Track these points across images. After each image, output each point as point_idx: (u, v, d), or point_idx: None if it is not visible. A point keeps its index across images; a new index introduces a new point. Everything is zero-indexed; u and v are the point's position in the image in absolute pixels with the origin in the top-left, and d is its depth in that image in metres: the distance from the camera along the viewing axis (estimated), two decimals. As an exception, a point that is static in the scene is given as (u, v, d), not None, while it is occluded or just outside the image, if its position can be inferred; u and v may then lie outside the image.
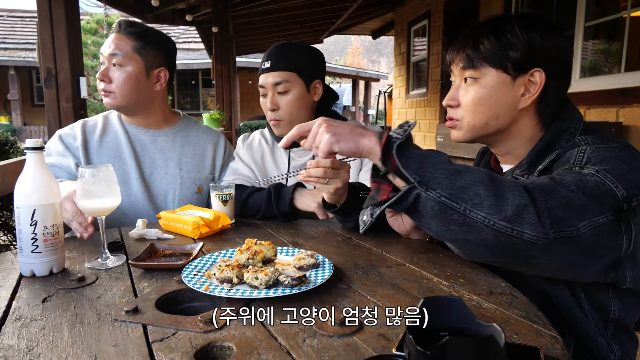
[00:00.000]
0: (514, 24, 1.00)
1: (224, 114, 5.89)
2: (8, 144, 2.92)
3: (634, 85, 3.24)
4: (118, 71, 1.58)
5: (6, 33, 15.37)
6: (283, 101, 1.53)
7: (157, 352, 0.67)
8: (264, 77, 1.54)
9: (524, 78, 1.01)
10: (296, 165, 1.65)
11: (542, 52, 0.99)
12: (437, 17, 6.56)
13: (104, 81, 1.58)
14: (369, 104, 19.08)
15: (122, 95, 1.60)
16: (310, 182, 1.19)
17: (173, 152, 1.70)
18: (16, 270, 1.03)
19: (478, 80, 1.04)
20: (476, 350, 0.49)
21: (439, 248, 1.21)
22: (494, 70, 1.02)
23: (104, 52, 1.59)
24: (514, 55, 0.99)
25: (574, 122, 1.02)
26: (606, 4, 3.79)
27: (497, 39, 1.00)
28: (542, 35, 0.99)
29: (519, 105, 1.02)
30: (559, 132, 1.01)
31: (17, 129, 12.77)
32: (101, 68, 1.60)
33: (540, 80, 0.99)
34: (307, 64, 1.56)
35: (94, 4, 9.75)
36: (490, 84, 1.02)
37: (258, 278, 0.87)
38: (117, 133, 1.68)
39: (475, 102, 1.05)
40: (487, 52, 1.01)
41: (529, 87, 1.01)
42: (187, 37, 16.73)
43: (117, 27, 1.62)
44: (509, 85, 1.01)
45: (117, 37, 1.60)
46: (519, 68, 1.00)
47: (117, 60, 1.57)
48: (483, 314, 0.79)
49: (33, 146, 0.99)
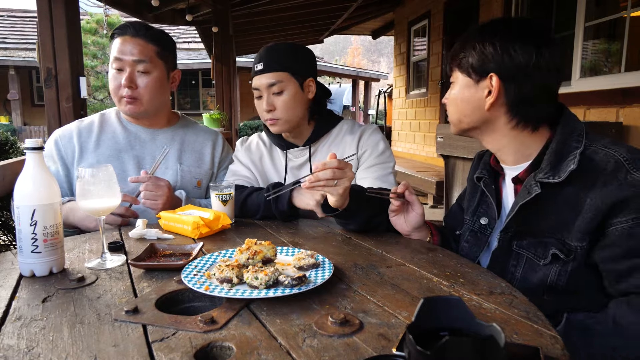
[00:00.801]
0: (477, 36, 1.13)
1: (223, 114, 5.89)
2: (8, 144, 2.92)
3: (634, 85, 3.24)
4: (145, 78, 1.58)
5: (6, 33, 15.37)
6: (279, 101, 1.54)
7: (157, 352, 0.67)
8: (258, 79, 1.54)
9: (485, 82, 1.11)
10: (293, 166, 1.66)
11: (494, 60, 1.09)
12: (437, 17, 6.56)
13: (131, 88, 1.57)
14: (369, 104, 19.08)
15: (149, 101, 1.62)
16: (318, 187, 1.18)
17: (173, 149, 1.72)
18: (16, 270, 1.03)
19: (454, 85, 1.19)
20: (476, 350, 0.48)
21: (439, 248, 1.21)
22: (461, 75, 1.16)
23: (124, 58, 1.56)
24: (472, 62, 1.12)
25: (577, 124, 1.09)
26: (606, 4, 3.79)
27: (463, 49, 1.15)
28: (495, 44, 1.09)
29: (484, 106, 1.13)
30: (567, 133, 1.08)
31: (17, 129, 12.76)
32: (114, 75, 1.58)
33: (496, 83, 1.09)
34: (298, 63, 1.56)
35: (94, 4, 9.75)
36: (458, 85, 1.17)
37: (258, 278, 0.87)
38: (114, 132, 1.68)
39: (449, 101, 1.21)
40: (457, 59, 1.17)
41: (491, 90, 1.11)
42: (187, 37, 16.74)
43: (133, 31, 1.59)
44: (472, 88, 1.14)
45: (138, 42, 1.57)
46: (477, 73, 1.12)
47: (143, 67, 1.58)
48: (483, 313, 0.79)
49: (33, 146, 0.99)
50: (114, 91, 1.61)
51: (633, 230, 0.95)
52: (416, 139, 7.59)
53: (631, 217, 0.95)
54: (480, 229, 1.23)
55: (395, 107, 8.77)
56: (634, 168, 0.97)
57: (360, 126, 1.68)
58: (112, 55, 1.60)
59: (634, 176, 0.96)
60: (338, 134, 1.64)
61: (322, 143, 1.64)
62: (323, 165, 1.16)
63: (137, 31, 1.59)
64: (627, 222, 0.95)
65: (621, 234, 0.96)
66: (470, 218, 1.28)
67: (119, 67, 1.58)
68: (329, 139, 1.64)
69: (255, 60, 1.55)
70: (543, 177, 1.04)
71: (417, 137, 7.53)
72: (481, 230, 1.22)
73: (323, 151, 1.64)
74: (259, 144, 1.74)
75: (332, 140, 1.64)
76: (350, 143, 1.61)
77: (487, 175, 1.24)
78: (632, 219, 0.95)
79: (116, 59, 1.58)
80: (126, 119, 1.72)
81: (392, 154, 1.63)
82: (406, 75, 8.01)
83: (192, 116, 1.96)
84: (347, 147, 1.61)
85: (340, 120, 1.68)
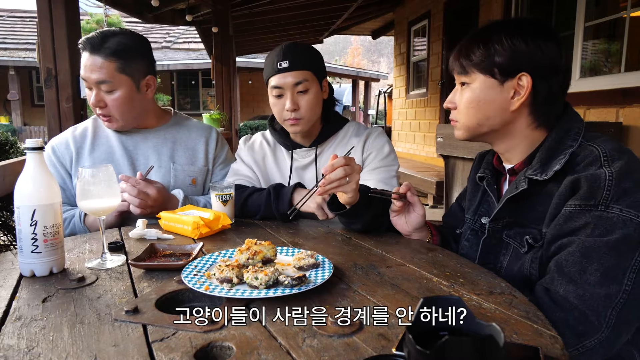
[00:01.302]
0: (501, 32, 1.07)
1: (224, 114, 5.89)
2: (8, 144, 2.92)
3: (634, 85, 3.24)
4: (110, 96, 1.54)
5: (6, 33, 15.37)
6: (303, 100, 1.51)
7: (157, 352, 0.67)
8: (282, 77, 1.49)
9: (512, 82, 1.07)
10: (298, 166, 1.65)
11: (527, 57, 1.05)
12: (437, 17, 6.56)
13: (101, 107, 1.56)
14: (369, 104, 19.09)
15: (122, 116, 1.60)
16: (331, 189, 1.18)
17: (165, 148, 1.71)
18: (16, 270, 1.03)
19: (469, 85, 1.12)
20: (476, 350, 0.49)
21: (439, 248, 1.21)
22: (482, 76, 1.10)
23: (87, 79, 1.52)
24: (499, 61, 1.06)
25: (576, 122, 1.08)
26: (606, 4, 3.79)
27: (484, 46, 1.08)
28: (527, 41, 1.05)
29: (509, 107, 1.09)
30: (565, 132, 1.07)
31: (17, 129, 12.76)
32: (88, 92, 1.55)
33: (527, 83, 1.05)
34: (320, 63, 1.56)
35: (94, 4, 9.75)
36: (479, 88, 1.10)
37: (258, 278, 0.87)
38: (108, 136, 1.68)
39: (466, 104, 1.13)
40: (476, 59, 1.10)
41: (518, 90, 1.07)
42: (187, 37, 16.75)
43: (89, 46, 1.49)
44: (497, 89, 1.09)
45: (96, 61, 1.49)
46: (505, 73, 1.07)
47: (105, 88, 1.53)
48: (483, 313, 0.79)
49: (33, 146, 0.99)
50: (92, 108, 1.58)
51: (572, 215, 0.96)
52: (416, 139, 7.59)
53: (577, 204, 0.96)
54: (481, 228, 1.23)
55: (395, 107, 8.77)
56: (606, 162, 0.97)
57: (367, 129, 1.68)
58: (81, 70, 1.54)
59: (601, 170, 0.96)
60: (344, 136, 1.64)
61: (329, 145, 1.64)
62: (332, 167, 1.16)
63: (94, 48, 1.49)
64: (572, 207, 0.97)
65: (563, 214, 0.98)
66: (471, 217, 1.28)
67: (87, 86, 1.55)
68: (335, 141, 1.64)
69: (278, 57, 1.50)
70: (532, 174, 1.06)
71: (417, 137, 7.53)
72: (482, 230, 1.22)
73: (329, 152, 1.63)
74: (263, 143, 1.73)
75: (339, 142, 1.64)
76: (356, 145, 1.61)
77: (490, 174, 1.24)
78: (577, 206, 0.96)
79: (84, 79, 1.54)
80: None
81: (396, 157, 1.63)
82: (406, 75, 8.01)
83: (192, 116, 1.95)
84: (353, 150, 1.61)
85: (347, 122, 1.68)
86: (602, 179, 0.95)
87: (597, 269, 0.92)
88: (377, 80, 19.43)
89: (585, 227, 0.95)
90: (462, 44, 1.14)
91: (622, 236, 0.92)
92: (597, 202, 0.94)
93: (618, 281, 0.91)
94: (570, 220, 0.97)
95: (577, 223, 0.96)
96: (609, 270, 0.91)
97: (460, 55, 1.13)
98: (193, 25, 6.92)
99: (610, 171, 0.95)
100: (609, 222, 0.93)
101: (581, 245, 0.94)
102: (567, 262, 0.95)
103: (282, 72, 1.49)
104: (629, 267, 0.91)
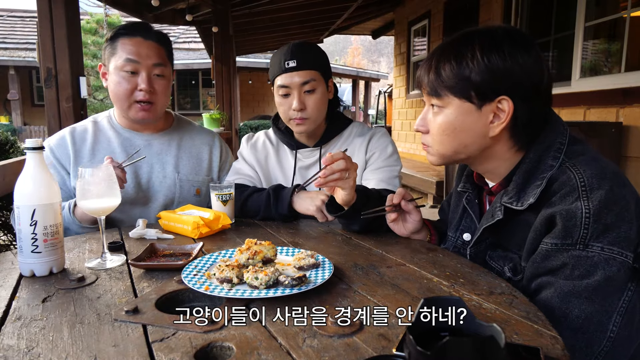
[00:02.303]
0: (475, 46, 0.93)
1: (224, 114, 5.89)
2: (8, 144, 2.91)
3: (634, 85, 3.24)
4: (160, 81, 1.55)
5: (6, 33, 15.37)
6: (310, 100, 1.50)
7: (157, 352, 0.67)
8: (289, 76, 1.48)
9: (490, 106, 0.95)
10: (302, 166, 1.65)
11: (506, 77, 0.92)
12: (437, 17, 6.56)
13: (150, 92, 1.52)
14: (369, 104, 19.08)
15: (162, 106, 1.59)
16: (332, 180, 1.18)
17: (169, 156, 1.66)
18: (16, 270, 1.03)
19: (442, 110, 1.00)
20: (476, 351, 0.48)
21: (439, 248, 1.21)
22: (457, 100, 0.96)
23: (141, 61, 1.50)
24: (475, 83, 0.93)
25: (558, 136, 0.97)
26: (606, 4, 3.79)
27: (457, 64, 0.94)
28: (504, 57, 0.91)
29: (488, 133, 0.97)
30: (544, 150, 0.96)
31: (17, 129, 12.75)
32: (132, 76, 1.50)
33: (509, 108, 0.93)
34: (326, 63, 1.56)
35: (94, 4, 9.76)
36: (454, 113, 0.98)
37: (258, 278, 0.87)
38: (109, 140, 1.62)
39: (440, 131, 1.01)
40: (448, 80, 0.96)
41: (497, 114, 0.95)
42: (187, 37, 16.73)
43: (145, 32, 1.52)
44: (474, 115, 0.96)
45: (152, 45, 1.52)
46: (482, 97, 0.94)
47: (159, 70, 1.54)
48: (483, 314, 0.79)
49: (33, 146, 0.99)
50: (125, 96, 1.52)
51: (549, 254, 0.89)
52: (416, 139, 7.59)
53: (553, 242, 0.88)
54: (463, 245, 1.18)
55: (395, 107, 8.77)
56: (585, 193, 0.86)
57: (370, 129, 1.68)
58: (122, 57, 1.50)
59: (577, 204, 0.85)
60: (348, 136, 1.64)
61: (333, 145, 1.64)
62: (332, 159, 1.16)
63: (149, 33, 1.53)
64: (548, 245, 0.89)
65: (540, 252, 0.90)
66: (453, 234, 1.22)
67: (133, 69, 1.50)
68: (339, 141, 1.64)
69: (285, 56, 1.48)
70: (507, 202, 0.98)
71: (418, 137, 7.52)
72: (464, 247, 1.17)
73: (333, 152, 1.63)
74: (266, 142, 1.72)
75: (343, 142, 1.64)
76: (360, 145, 1.60)
77: (471, 189, 1.17)
78: (553, 244, 0.88)
79: (130, 61, 1.49)
80: (119, 124, 1.65)
81: (399, 158, 1.63)
82: (406, 75, 8.01)
83: (192, 116, 1.94)
84: (357, 150, 1.60)
85: (351, 123, 1.68)
86: (578, 216, 0.85)
87: (578, 315, 0.84)
88: (377, 80, 19.42)
89: (564, 268, 0.87)
90: (432, 57, 1.00)
91: (604, 278, 0.83)
92: (575, 241, 0.85)
93: (602, 328, 0.83)
94: (547, 259, 0.89)
95: (554, 262, 0.88)
96: (592, 316, 0.83)
97: (430, 71, 0.99)
98: (193, 25, 6.92)
99: (588, 206, 0.84)
100: (588, 262, 0.84)
101: (559, 291, 0.86)
102: (546, 308, 0.86)
103: (289, 72, 1.48)
104: (615, 311, 0.83)
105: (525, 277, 0.95)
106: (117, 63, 1.51)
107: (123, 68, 1.51)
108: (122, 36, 1.52)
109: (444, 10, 6.30)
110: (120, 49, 1.51)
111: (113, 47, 1.53)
